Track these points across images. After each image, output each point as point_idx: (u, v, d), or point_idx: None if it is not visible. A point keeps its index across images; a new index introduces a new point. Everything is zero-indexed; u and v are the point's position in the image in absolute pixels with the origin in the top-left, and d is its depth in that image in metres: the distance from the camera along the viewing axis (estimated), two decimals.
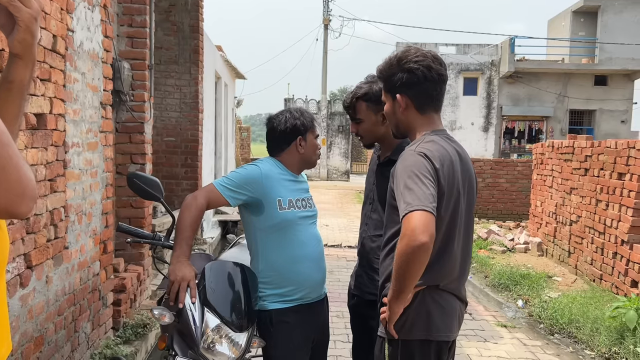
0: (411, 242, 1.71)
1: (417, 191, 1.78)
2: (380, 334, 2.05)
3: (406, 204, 1.77)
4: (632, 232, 5.54)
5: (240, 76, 14.44)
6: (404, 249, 1.74)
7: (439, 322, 1.97)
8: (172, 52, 7.56)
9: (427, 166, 1.86)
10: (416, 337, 1.96)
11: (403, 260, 1.76)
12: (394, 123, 2.13)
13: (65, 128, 3.02)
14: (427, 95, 2.04)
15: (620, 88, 21.87)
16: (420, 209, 1.73)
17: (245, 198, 2.39)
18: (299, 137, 2.49)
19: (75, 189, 3.18)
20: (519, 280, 6.59)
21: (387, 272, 2.01)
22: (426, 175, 1.83)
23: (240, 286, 2.37)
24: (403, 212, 1.77)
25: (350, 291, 2.70)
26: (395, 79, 2.02)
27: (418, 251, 1.71)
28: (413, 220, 1.72)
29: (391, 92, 2.07)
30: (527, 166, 12.58)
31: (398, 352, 1.97)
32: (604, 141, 6.48)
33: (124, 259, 4.49)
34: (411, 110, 2.05)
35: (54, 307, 2.89)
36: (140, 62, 4.73)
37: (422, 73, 1.98)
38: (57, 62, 2.91)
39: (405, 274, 1.78)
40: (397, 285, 1.84)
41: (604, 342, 4.61)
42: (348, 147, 26.02)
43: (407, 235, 1.73)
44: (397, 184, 1.87)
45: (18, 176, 0.90)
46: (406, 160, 1.90)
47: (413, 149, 1.94)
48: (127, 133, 4.68)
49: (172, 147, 7.68)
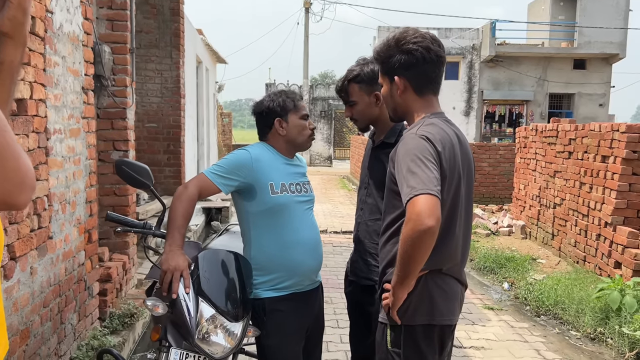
0: (417, 226, 1.68)
1: (420, 175, 1.74)
2: (382, 320, 2.02)
3: (410, 188, 1.73)
4: (615, 214, 5.61)
5: (222, 60, 14.24)
6: (410, 233, 1.70)
7: (442, 307, 1.95)
8: (152, 36, 7.39)
9: (430, 149, 1.82)
10: (419, 322, 1.94)
11: (409, 244, 1.72)
12: (392, 106, 2.09)
13: (47, 114, 2.91)
14: (426, 77, 2.00)
15: (598, 72, 22.09)
16: (426, 193, 1.69)
17: (236, 184, 2.34)
18: (277, 119, 2.44)
19: (58, 177, 3.08)
20: (504, 263, 6.66)
21: (389, 258, 1.98)
22: (429, 158, 1.79)
23: (234, 275, 2.32)
24: (407, 196, 1.73)
25: (346, 277, 2.67)
26: (393, 60, 1.97)
27: (424, 235, 1.68)
28: (418, 204, 1.69)
29: (389, 75, 2.03)
30: (509, 150, 12.67)
31: (401, 337, 1.95)
32: (587, 124, 6.52)
33: (109, 247, 4.40)
34: (409, 93, 2.01)
35: (39, 299, 2.81)
36: (121, 45, 4.60)
37: (421, 54, 1.94)
38: (37, 45, 2.79)
39: (411, 259, 1.75)
40: (402, 271, 1.81)
41: (589, 322, 4.68)
42: (331, 133, 25.95)
43: (412, 219, 1.69)
44: (400, 168, 1.83)
45: (16, 164, 0.84)
46: (408, 144, 1.86)
47: (414, 132, 1.90)
48: (109, 119, 4.56)
49: (154, 133, 7.54)
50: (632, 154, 5.49)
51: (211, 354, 2.17)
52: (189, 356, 2.18)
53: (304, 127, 2.47)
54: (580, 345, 4.48)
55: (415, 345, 1.94)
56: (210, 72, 12.77)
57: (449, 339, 2.05)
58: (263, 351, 2.38)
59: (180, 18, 7.35)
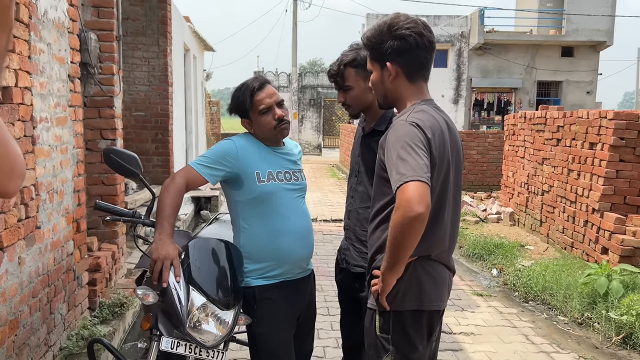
0: (407, 212, 1.68)
1: (410, 162, 1.74)
2: (370, 305, 2.03)
3: (400, 175, 1.73)
4: (602, 200, 5.67)
5: (209, 48, 14.10)
6: (400, 220, 1.71)
7: (431, 292, 1.97)
8: (139, 23, 7.29)
9: (420, 136, 1.82)
10: (408, 308, 1.95)
11: (398, 231, 1.73)
12: (382, 93, 2.07)
13: (33, 102, 2.86)
14: (418, 63, 1.98)
15: (586, 59, 22.21)
16: (415, 180, 1.70)
17: (223, 174, 2.33)
18: (243, 120, 2.43)
19: (45, 166, 3.04)
20: (492, 249, 6.71)
21: (377, 245, 1.99)
22: (419, 145, 1.79)
23: (225, 263, 2.32)
24: (397, 183, 1.73)
25: (337, 265, 2.67)
26: (385, 46, 1.95)
27: (414, 222, 1.69)
28: (408, 191, 1.69)
29: (380, 60, 2.01)
30: (498, 138, 12.72)
31: (390, 323, 1.96)
32: (575, 111, 6.56)
33: (97, 237, 4.36)
34: (401, 79, 1.99)
35: (28, 289, 2.78)
36: (108, 32, 4.53)
37: (414, 40, 1.93)
38: (21, 32, 2.74)
39: (400, 246, 1.76)
40: (391, 257, 1.81)
41: (577, 307, 4.74)
42: (320, 121, 25.87)
43: (402, 206, 1.69)
44: (389, 155, 1.83)
45: (5, 151, 0.82)
46: (398, 131, 1.85)
47: (404, 118, 1.89)
48: (96, 108, 4.50)
49: (141, 122, 7.47)
50: (619, 140, 5.54)
51: (202, 342, 2.16)
52: (180, 345, 2.18)
53: (266, 122, 2.36)
54: (568, 330, 4.54)
55: (403, 330, 1.95)
56: (197, 60, 12.65)
57: (437, 325, 2.07)
58: (254, 339, 2.38)
59: (167, 5, 7.26)
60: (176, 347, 2.17)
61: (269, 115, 2.36)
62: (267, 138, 2.42)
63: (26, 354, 2.75)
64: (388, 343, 1.96)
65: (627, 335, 4.17)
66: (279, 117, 2.36)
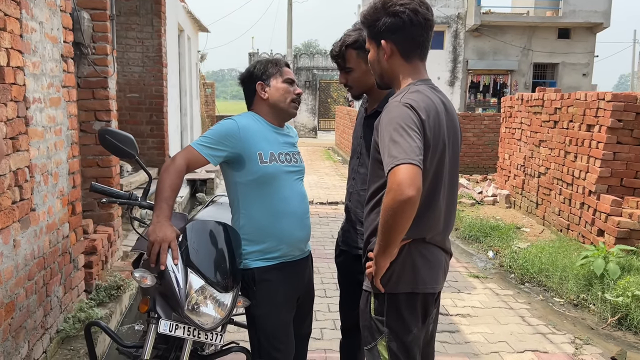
0: (398, 196, 1.67)
1: (403, 144, 1.71)
2: (366, 288, 2.03)
3: (392, 158, 1.71)
4: (599, 182, 5.67)
5: (204, 29, 13.94)
6: (391, 203, 1.70)
7: (425, 275, 1.95)
8: (132, 3, 7.18)
9: (413, 118, 1.79)
10: (402, 290, 1.94)
11: (389, 214, 1.72)
12: (379, 72, 2.04)
13: (25, 82, 2.81)
14: (413, 41, 1.94)
15: (582, 41, 22.08)
16: (407, 163, 1.68)
17: (225, 154, 2.29)
18: (259, 83, 2.40)
19: (39, 147, 2.99)
20: (488, 232, 6.73)
21: (372, 227, 1.97)
22: (412, 127, 1.76)
23: (223, 245, 2.29)
24: (389, 166, 1.72)
25: (337, 246, 2.65)
26: (379, 23, 1.92)
27: (405, 205, 1.67)
28: (399, 174, 1.67)
29: (375, 39, 1.98)
30: (494, 120, 12.69)
31: (384, 305, 1.96)
32: (573, 93, 6.53)
33: (93, 219, 4.33)
34: (396, 58, 1.96)
35: (23, 272, 2.75)
36: (101, 12, 4.45)
37: (408, 17, 1.89)
38: (12, 10, 2.67)
39: (391, 228, 1.75)
40: (383, 240, 1.81)
41: (573, 289, 4.76)
42: (315, 104, 25.73)
43: (393, 189, 1.68)
44: (382, 137, 1.81)
45: None
46: (391, 112, 1.82)
47: (398, 100, 1.86)
48: (89, 88, 4.43)
49: (136, 103, 7.40)
50: (617, 122, 5.52)
51: (201, 325, 2.15)
52: (178, 327, 2.16)
53: (287, 91, 2.39)
54: (564, 312, 4.57)
55: (398, 313, 1.95)
56: (192, 40, 12.50)
57: (432, 307, 2.06)
58: (253, 321, 2.37)
59: None
60: (174, 329, 2.15)
61: (292, 87, 2.42)
62: (277, 109, 2.40)
63: (22, 336, 2.73)
64: (383, 325, 1.96)
65: (622, 317, 4.20)
66: (299, 93, 2.44)
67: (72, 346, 3.22)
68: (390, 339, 1.95)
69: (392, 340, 1.95)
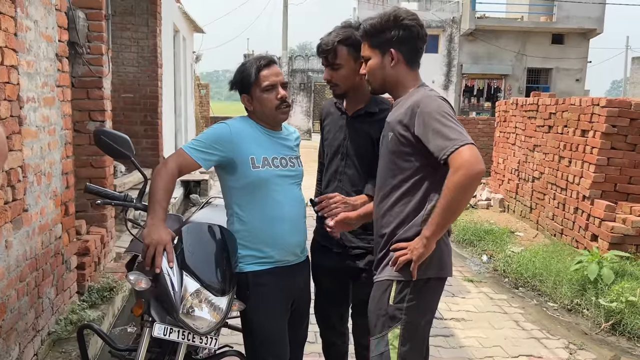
0: (470, 171, 1.83)
1: (457, 128, 1.90)
2: (387, 277, 2.10)
3: (452, 141, 1.87)
4: (593, 187, 5.69)
5: (199, 30, 13.90)
6: (462, 180, 1.84)
7: (447, 260, 2.12)
8: (128, 3, 7.15)
9: (450, 109, 2.00)
10: (432, 275, 2.06)
11: (459, 192, 1.86)
12: (380, 78, 2.18)
13: (19, 81, 2.78)
14: (416, 51, 2.16)
15: (576, 47, 22.21)
16: (469, 143, 1.87)
17: (216, 158, 2.26)
18: (243, 96, 2.35)
19: (32, 147, 2.96)
20: (482, 235, 6.73)
21: (401, 218, 2.09)
22: (453, 116, 1.97)
23: (219, 248, 2.27)
24: (451, 147, 1.86)
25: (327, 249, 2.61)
26: (390, 34, 2.10)
27: (476, 180, 1.86)
28: (466, 152, 1.85)
29: (381, 47, 2.12)
30: (488, 124, 12.73)
31: (407, 292, 2.04)
32: (568, 98, 6.56)
33: (86, 220, 4.29)
34: (401, 65, 2.14)
35: (15, 273, 2.72)
36: (96, 11, 4.41)
37: (416, 30, 2.11)
38: (7, 8, 2.64)
39: (458, 206, 1.92)
40: (446, 219, 1.94)
41: (567, 294, 4.77)
42: (310, 105, 25.71)
43: (464, 166, 1.83)
44: (429, 125, 1.93)
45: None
46: (431, 104, 1.98)
47: (427, 94, 2.04)
48: (84, 88, 4.40)
49: (130, 104, 7.36)
50: (611, 128, 5.55)
51: (196, 329, 2.12)
52: (173, 331, 2.14)
53: (268, 100, 2.29)
54: (558, 316, 4.57)
55: (421, 299, 2.06)
56: (187, 41, 12.46)
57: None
58: (247, 325, 2.35)
59: None
60: (169, 333, 2.13)
61: (272, 94, 2.29)
62: (266, 118, 2.35)
63: (14, 338, 2.69)
64: (401, 312, 2.04)
65: (616, 322, 4.21)
66: (282, 97, 2.29)
67: (64, 348, 3.18)
68: (406, 326, 2.05)
69: (407, 327, 2.04)
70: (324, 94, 26.34)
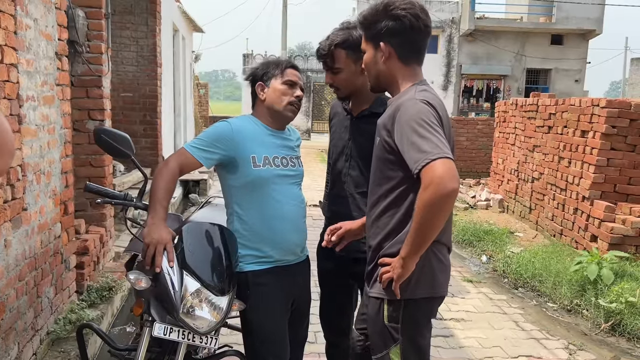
0: (440, 190, 1.64)
1: (433, 139, 1.70)
2: (377, 295, 1.97)
3: (424, 153, 1.68)
4: (593, 188, 5.69)
5: (198, 29, 13.89)
6: (432, 198, 1.65)
7: (441, 279, 1.95)
8: (127, 2, 7.14)
9: (433, 114, 1.79)
10: (421, 295, 1.91)
11: (428, 210, 1.68)
12: (374, 74, 2.03)
13: (19, 80, 2.77)
14: (411, 45, 1.96)
15: (575, 47, 22.25)
16: (443, 157, 1.66)
17: (218, 157, 2.26)
18: (258, 84, 2.36)
19: (32, 146, 2.95)
20: (482, 236, 6.72)
21: (387, 231, 1.94)
22: (435, 123, 1.76)
23: (219, 248, 2.26)
24: (422, 161, 1.68)
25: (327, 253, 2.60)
26: (380, 25, 1.92)
27: (448, 198, 1.66)
28: (439, 168, 1.65)
29: (373, 40, 1.97)
30: (487, 125, 12.74)
31: (400, 312, 1.92)
32: (568, 99, 6.55)
33: (85, 220, 4.28)
34: (394, 61, 1.96)
35: (14, 273, 2.71)
36: (96, 10, 4.40)
37: (409, 21, 1.90)
38: (7, 6, 2.63)
39: (431, 226, 1.72)
40: (419, 239, 1.76)
41: (566, 294, 4.76)
42: (309, 106, 25.71)
43: (435, 183, 1.64)
44: (404, 135, 1.77)
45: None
46: (410, 109, 1.80)
47: (412, 97, 1.85)
48: (83, 87, 4.39)
49: (129, 103, 7.35)
50: (611, 128, 5.54)
51: (196, 328, 2.11)
52: (173, 330, 2.13)
53: (284, 92, 2.31)
54: (557, 317, 4.57)
55: (414, 319, 1.93)
56: (186, 41, 12.45)
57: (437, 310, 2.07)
58: (247, 325, 2.34)
59: None
60: (169, 333, 2.12)
61: (290, 90, 2.33)
62: (273, 112, 2.34)
63: (12, 338, 2.68)
64: (397, 333, 1.93)
65: (616, 323, 4.20)
66: (299, 96, 2.34)
67: (63, 348, 3.17)
68: (405, 347, 1.93)
69: (407, 347, 1.93)
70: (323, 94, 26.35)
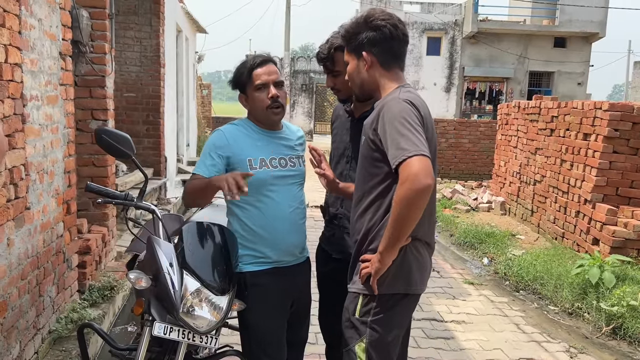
0: (415, 185, 1.71)
1: (411, 137, 1.78)
2: (355, 290, 2.04)
3: (402, 150, 1.76)
4: (595, 191, 5.68)
5: (202, 30, 13.90)
6: (407, 193, 1.73)
7: (417, 277, 2.00)
8: (131, 2, 7.15)
9: (415, 113, 1.87)
10: (397, 291, 1.98)
11: (404, 206, 1.76)
12: (359, 83, 2.13)
13: (23, 79, 2.78)
14: (392, 53, 2.06)
15: (578, 50, 22.21)
16: (420, 154, 1.74)
17: (221, 162, 2.29)
18: (240, 95, 2.38)
19: (35, 145, 2.96)
20: (483, 238, 6.72)
21: (368, 226, 2.01)
22: (416, 121, 1.84)
23: (219, 248, 2.27)
24: (399, 158, 1.76)
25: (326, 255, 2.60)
26: (361, 36, 2.04)
27: (422, 194, 1.73)
28: (415, 165, 1.72)
29: (356, 51, 2.08)
30: (490, 127, 12.72)
31: (372, 306, 1.98)
32: (570, 102, 6.55)
33: (87, 219, 4.29)
34: (376, 68, 2.06)
35: (17, 271, 2.72)
36: (100, 10, 4.42)
37: (388, 30, 2.02)
38: (11, 6, 2.65)
39: (406, 220, 1.79)
40: (395, 234, 1.83)
41: (567, 297, 4.76)
42: (312, 107, 25.73)
43: (410, 179, 1.72)
44: (387, 132, 1.85)
45: None
46: (393, 108, 1.88)
47: (396, 97, 1.93)
48: (87, 87, 4.40)
49: (132, 103, 7.36)
50: (613, 132, 5.54)
51: (196, 328, 2.12)
52: (173, 330, 2.14)
53: (260, 99, 2.29)
54: (559, 320, 4.56)
55: (386, 314, 1.98)
56: (190, 41, 12.47)
57: (414, 308, 2.12)
58: (244, 325, 2.35)
59: None
60: (169, 332, 2.13)
61: (264, 93, 2.29)
62: (260, 118, 2.35)
63: (14, 336, 2.70)
64: (365, 326, 1.99)
65: (617, 326, 4.20)
66: (273, 96, 2.28)
67: (64, 347, 3.18)
68: (371, 341, 1.98)
69: (373, 342, 1.98)
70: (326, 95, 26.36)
